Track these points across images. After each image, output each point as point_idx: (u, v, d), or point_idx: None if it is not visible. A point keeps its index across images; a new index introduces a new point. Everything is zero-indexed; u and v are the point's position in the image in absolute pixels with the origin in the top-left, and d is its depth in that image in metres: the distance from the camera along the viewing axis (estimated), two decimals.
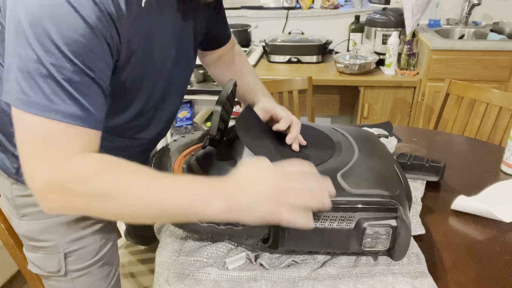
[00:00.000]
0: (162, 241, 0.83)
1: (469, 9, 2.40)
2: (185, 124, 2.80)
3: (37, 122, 0.55)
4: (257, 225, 0.68)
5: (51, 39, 0.53)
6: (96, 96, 0.59)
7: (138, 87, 0.73)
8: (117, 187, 0.57)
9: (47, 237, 0.84)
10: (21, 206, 0.83)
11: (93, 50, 0.56)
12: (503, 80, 2.10)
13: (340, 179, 0.71)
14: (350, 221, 0.68)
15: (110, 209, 0.58)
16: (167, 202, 0.58)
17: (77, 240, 0.85)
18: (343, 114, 2.73)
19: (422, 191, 0.99)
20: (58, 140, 0.56)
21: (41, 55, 0.53)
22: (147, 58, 0.70)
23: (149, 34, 0.69)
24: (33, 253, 0.87)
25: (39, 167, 0.56)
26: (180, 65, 0.83)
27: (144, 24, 0.66)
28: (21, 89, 0.54)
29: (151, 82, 0.75)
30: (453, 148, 1.28)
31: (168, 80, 0.80)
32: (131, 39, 0.64)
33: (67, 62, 0.54)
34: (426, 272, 0.73)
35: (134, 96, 0.75)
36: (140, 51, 0.67)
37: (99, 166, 0.58)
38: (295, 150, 0.81)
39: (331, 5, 2.56)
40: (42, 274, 0.89)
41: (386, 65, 2.25)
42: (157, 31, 0.70)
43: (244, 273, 0.73)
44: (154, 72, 0.75)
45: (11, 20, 0.55)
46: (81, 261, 0.87)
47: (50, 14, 0.53)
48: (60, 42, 0.53)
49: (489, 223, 0.88)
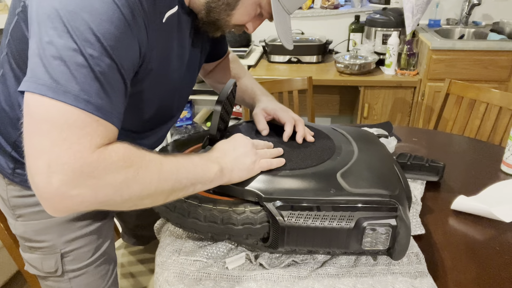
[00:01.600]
0: (162, 241, 0.83)
1: (469, 9, 2.40)
2: (185, 124, 2.80)
3: (66, 110, 0.52)
4: (258, 225, 0.69)
5: (91, 30, 0.53)
6: (121, 94, 0.58)
7: (148, 98, 0.76)
8: (141, 169, 0.57)
9: (44, 238, 0.84)
10: (17, 207, 0.82)
11: (127, 46, 0.57)
12: (503, 80, 2.10)
13: (340, 178, 0.71)
14: (350, 220, 0.68)
15: (134, 193, 0.57)
16: (179, 174, 0.63)
17: (73, 240, 0.85)
18: (343, 114, 2.73)
19: (422, 191, 0.99)
20: (88, 130, 0.53)
21: (80, 44, 0.52)
22: (162, 72, 0.73)
23: (166, 50, 0.72)
24: (30, 253, 0.86)
25: (66, 156, 0.51)
26: (186, 82, 0.87)
27: (163, 39, 0.69)
28: (50, 77, 0.51)
29: (159, 95, 0.78)
30: (453, 148, 1.28)
31: (174, 94, 0.84)
32: (154, 49, 0.66)
33: (105, 54, 0.54)
34: (426, 272, 0.73)
35: (142, 106, 0.77)
36: (157, 64, 0.70)
37: (126, 151, 0.57)
38: (310, 141, 0.87)
39: (331, 5, 2.56)
40: (39, 275, 0.88)
41: (386, 65, 2.25)
42: (172, 48, 0.74)
43: (244, 273, 0.73)
44: (165, 86, 0.78)
45: (43, 7, 0.54)
46: (78, 261, 0.87)
47: (89, 5, 0.53)
48: (99, 33, 0.53)
49: (489, 223, 0.88)
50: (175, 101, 0.87)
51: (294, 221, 0.67)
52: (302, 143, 0.85)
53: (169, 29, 0.70)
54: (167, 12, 0.68)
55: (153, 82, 0.73)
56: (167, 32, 0.70)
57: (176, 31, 0.74)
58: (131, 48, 0.59)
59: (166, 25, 0.69)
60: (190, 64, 0.85)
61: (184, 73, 0.83)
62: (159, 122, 0.87)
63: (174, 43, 0.75)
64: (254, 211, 0.68)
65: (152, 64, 0.69)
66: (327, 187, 0.70)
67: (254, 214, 0.68)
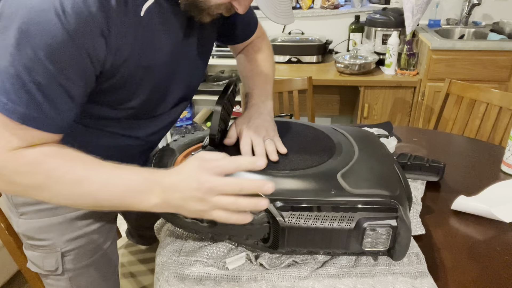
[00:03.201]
0: (162, 241, 0.83)
1: (469, 9, 2.40)
2: (185, 124, 2.80)
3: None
4: (258, 226, 0.69)
5: (30, 42, 0.55)
6: (62, 102, 0.61)
7: (135, 87, 0.74)
8: (51, 179, 0.61)
9: (45, 236, 0.84)
10: (20, 205, 0.83)
11: (70, 58, 0.58)
12: (503, 80, 2.10)
13: (340, 179, 0.71)
14: (350, 221, 0.68)
15: (45, 198, 0.64)
16: (100, 194, 0.62)
17: (74, 240, 0.85)
18: (343, 114, 2.73)
19: (422, 191, 0.99)
20: (7, 134, 0.59)
21: (15, 57, 0.55)
22: (145, 64, 0.71)
23: (148, 43, 0.69)
24: (32, 251, 0.87)
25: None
26: (186, 72, 0.83)
27: (143, 32, 0.67)
28: None
29: (147, 87, 0.75)
30: (453, 148, 1.28)
31: (166, 86, 0.80)
32: (121, 48, 0.65)
33: (39, 65, 0.56)
34: (426, 272, 0.73)
35: (132, 92, 0.75)
36: (137, 58, 0.68)
37: (38, 158, 0.61)
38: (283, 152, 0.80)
39: (331, 5, 2.56)
40: (40, 273, 0.89)
41: (386, 65, 2.25)
42: (158, 40, 0.71)
43: (244, 273, 0.73)
44: (151, 78, 0.75)
45: None
46: (79, 260, 0.87)
47: (35, 19, 0.55)
48: (37, 46, 0.55)
49: (489, 223, 0.88)
50: (171, 92, 0.82)
51: (295, 221, 0.67)
52: (302, 144, 0.85)
53: (149, 22, 0.68)
54: (144, 4, 0.65)
55: (134, 75, 0.70)
56: (148, 25, 0.68)
57: (160, 23, 0.70)
58: (75, 58, 0.59)
59: (145, 18, 0.66)
60: (188, 54, 0.80)
61: (179, 64, 0.79)
62: (152, 112, 0.82)
63: (160, 34, 0.71)
64: (254, 211, 0.68)
65: (129, 61, 0.67)
66: (327, 188, 0.69)
67: (255, 215, 0.68)
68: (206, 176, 0.58)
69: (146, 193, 0.61)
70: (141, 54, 0.69)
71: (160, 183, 0.61)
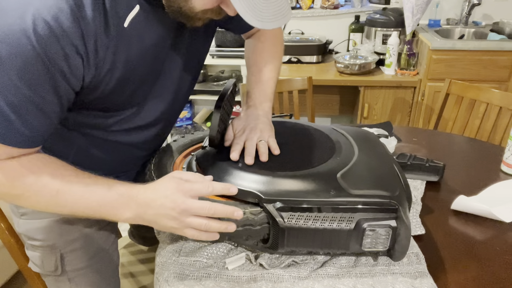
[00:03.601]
0: (162, 241, 0.83)
1: (469, 9, 2.40)
2: (185, 124, 2.80)
3: None
4: (258, 226, 0.69)
5: (2, 64, 0.54)
6: (35, 118, 0.61)
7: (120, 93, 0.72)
8: (29, 191, 0.64)
9: (45, 237, 0.84)
10: (21, 205, 0.83)
11: (42, 78, 0.58)
12: (503, 80, 2.10)
13: (340, 179, 0.71)
14: (350, 221, 0.68)
15: (24, 205, 0.70)
16: (75, 207, 0.66)
17: (74, 241, 0.86)
18: (343, 114, 2.73)
19: (422, 191, 0.99)
20: None
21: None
22: (128, 76, 0.69)
23: (132, 54, 0.68)
24: (32, 251, 0.87)
25: None
26: (177, 76, 0.81)
27: (125, 44, 0.66)
28: None
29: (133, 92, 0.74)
30: (453, 148, 1.28)
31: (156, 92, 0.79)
32: (103, 61, 0.64)
33: (10, 82, 0.56)
34: (426, 272, 0.73)
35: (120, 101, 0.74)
36: (122, 70, 0.67)
37: (17, 171, 0.63)
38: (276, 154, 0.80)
39: (331, 5, 2.56)
40: (41, 273, 0.89)
41: (386, 65, 2.25)
42: (144, 49, 0.69)
43: (244, 273, 0.73)
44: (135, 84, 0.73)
45: None
46: (78, 261, 0.87)
47: (6, 41, 0.54)
48: (9, 68, 0.55)
49: (489, 223, 0.88)
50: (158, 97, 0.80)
51: (294, 222, 0.67)
52: (302, 144, 0.85)
53: (134, 31, 0.66)
54: (128, 15, 0.64)
55: (120, 86, 0.69)
56: (132, 36, 0.66)
57: (146, 31, 0.68)
58: (48, 78, 0.58)
59: (129, 28, 0.65)
60: (178, 58, 0.78)
61: (166, 69, 0.77)
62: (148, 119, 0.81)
63: (145, 42, 0.69)
64: (254, 212, 0.68)
65: (113, 72, 0.66)
66: (327, 188, 0.69)
67: (254, 216, 0.68)
68: (182, 198, 0.63)
69: (119, 208, 0.66)
70: (125, 64, 0.67)
71: (135, 199, 0.65)
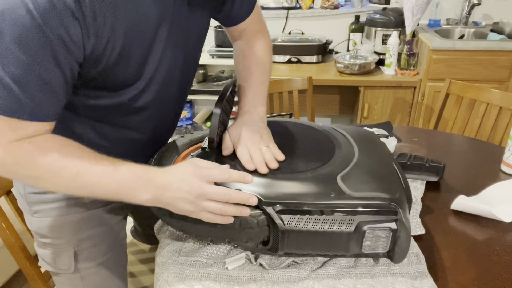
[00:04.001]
0: (162, 241, 0.83)
1: (469, 9, 2.40)
2: (185, 124, 2.80)
3: None
4: (258, 229, 0.69)
5: (2, 37, 0.55)
6: (38, 88, 0.60)
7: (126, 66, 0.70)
8: (49, 173, 0.64)
9: (58, 235, 0.84)
10: (33, 203, 0.83)
11: (41, 44, 0.57)
12: (503, 80, 2.10)
13: (340, 182, 0.71)
14: (350, 224, 0.67)
15: (45, 187, 0.71)
16: (95, 188, 0.66)
17: (87, 239, 0.86)
18: (343, 114, 2.73)
19: (422, 191, 0.99)
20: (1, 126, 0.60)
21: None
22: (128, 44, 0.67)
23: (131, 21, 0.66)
24: (44, 249, 0.87)
25: None
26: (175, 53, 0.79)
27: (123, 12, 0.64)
28: None
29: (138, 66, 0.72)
30: (453, 148, 1.28)
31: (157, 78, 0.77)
32: (102, 29, 0.62)
33: (11, 54, 0.56)
34: (426, 272, 0.73)
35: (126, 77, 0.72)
36: (118, 41, 0.65)
37: (35, 151, 0.63)
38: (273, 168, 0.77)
39: (331, 5, 2.56)
40: (52, 271, 0.89)
41: (386, 65, 2.25)
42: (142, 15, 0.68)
43: (244, 273, 0.73)
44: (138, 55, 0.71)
45: None
46: (91, 259, 0.88)
47: (5, 12, 0.54)
48: (8, 36, 0.55)
49: (489, 223, 0.88)
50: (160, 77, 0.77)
51: (294, 225, 0.67)
52: (301, 146, 0.84)
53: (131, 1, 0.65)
54: None
55: (123, 57, 0.68)
56: (129, 4, 0.65)
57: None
58: (47, 44, 0.58)
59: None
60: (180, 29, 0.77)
61: (170, 38, 0.75)
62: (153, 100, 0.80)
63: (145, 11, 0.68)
64: (254, 215, 0.68)
65: (114, 42, 0.65)
66: (327, 191, 0.69)
67: (254, 218, 0.68)
68: (199, 183, 0.65)
69: (138, 190, 0.66)
70: (126, 34, 0.66)
71: (153, 181, 0.66)
